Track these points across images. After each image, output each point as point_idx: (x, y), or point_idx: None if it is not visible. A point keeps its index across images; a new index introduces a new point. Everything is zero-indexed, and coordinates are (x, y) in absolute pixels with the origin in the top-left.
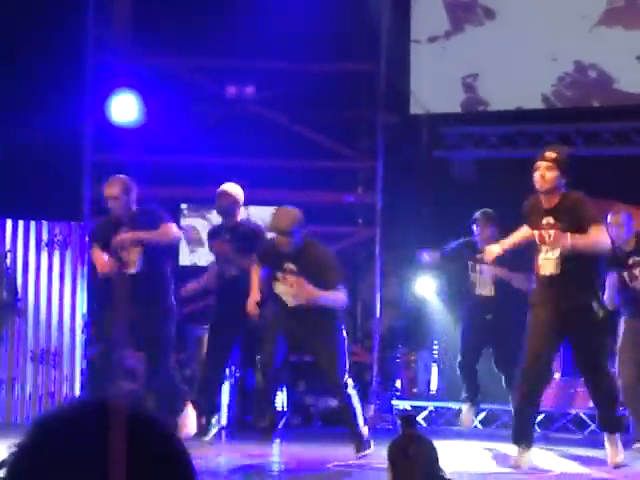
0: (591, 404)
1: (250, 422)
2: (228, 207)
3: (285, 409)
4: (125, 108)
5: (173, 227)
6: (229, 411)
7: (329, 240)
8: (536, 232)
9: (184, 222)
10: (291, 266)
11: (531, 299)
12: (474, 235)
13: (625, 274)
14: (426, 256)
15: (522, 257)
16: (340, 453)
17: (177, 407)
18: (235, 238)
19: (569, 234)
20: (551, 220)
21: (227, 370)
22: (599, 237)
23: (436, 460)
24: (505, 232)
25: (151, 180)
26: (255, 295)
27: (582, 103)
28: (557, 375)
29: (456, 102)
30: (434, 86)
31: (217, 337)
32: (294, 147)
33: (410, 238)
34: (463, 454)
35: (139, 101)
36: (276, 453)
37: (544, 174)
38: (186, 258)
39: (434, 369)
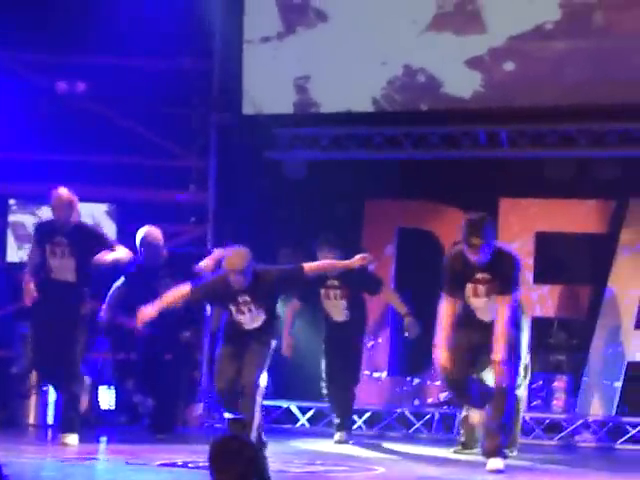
0: (416, 402)
1: None
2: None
3: (113, 407)
4: None
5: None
6: (56, 409)
7: None
8: (470, 285)
9: (12, 218)
10: (247, 298)
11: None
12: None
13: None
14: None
15: None
16: (167, 452)
17: None
18: (71, 239)
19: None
20: (487, 276)
21: None
22: (506, 323)
23: (258, 465)
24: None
25: None
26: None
27: (411, 107)
28: (384, 374)
29: (288, 103)
30: (267, 86)
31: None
32: (126, 144)
33: (242, 237)
34: (291, 453)
35: None
36: (102, 451)
37: (475, 256)
38: (14, 254)
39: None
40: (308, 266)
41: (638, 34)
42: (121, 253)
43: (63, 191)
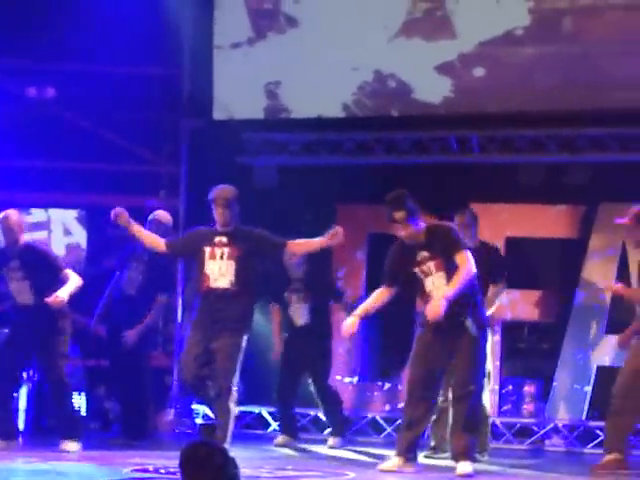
0: (387, 407)
1: (47, 426)
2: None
3: (84, 414)
4: None
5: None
6: (26, 415)
7: None
8: (417, 269)
9: None
10: (223, 239)
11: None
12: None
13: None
14: None
15: None
16: (138, 457)
17: None
18: (22, 261)
19: (443, 300)
20: (426, 254)
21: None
22: (464, 270)
23: (228, 471)
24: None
25: None
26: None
27: (381, 112)
28: (354, 379)
29: (259, 108)
30: (237, 92)
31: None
32: (96, 150)
33: None
34: (262, 459)
35: None
36: (74, 458)
37: (405, 232)
38: None
39: None
40: (291, 242)
41: (607, 40)
42: (73, 282)
43: (11, 213)
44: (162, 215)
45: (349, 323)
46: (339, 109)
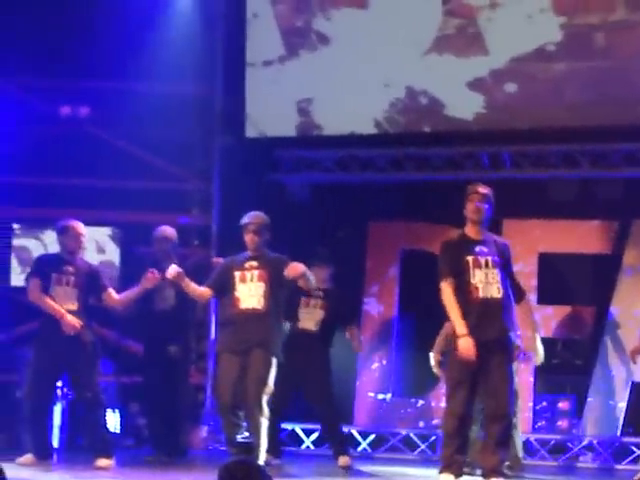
0: (421, 424)
1: (82, 444)
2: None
3: (118, 431)
4: None
5: None
6: (61, 433)
7: None
8: (470, 257)
9: (17, 242)
10: (253, 263)
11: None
12: None
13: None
14: None
15: None
16: (172, 475)
17: None
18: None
19: None
20: (484, 249)
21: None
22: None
23: None
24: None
25: None
26: None
27: (413, 128)
28: (388, 396)
29: (291, 126)
30: (269, 109)
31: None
32: (129, 168)
33: None
34: (296, 476)
35: None
36: (108, 475)
37: (480, 207)
38: (18, 279)
39: None
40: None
41: (639, 55)
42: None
43: (77, 224)
44: (169, 232)
45: (468, 346)
46: (371, 126)
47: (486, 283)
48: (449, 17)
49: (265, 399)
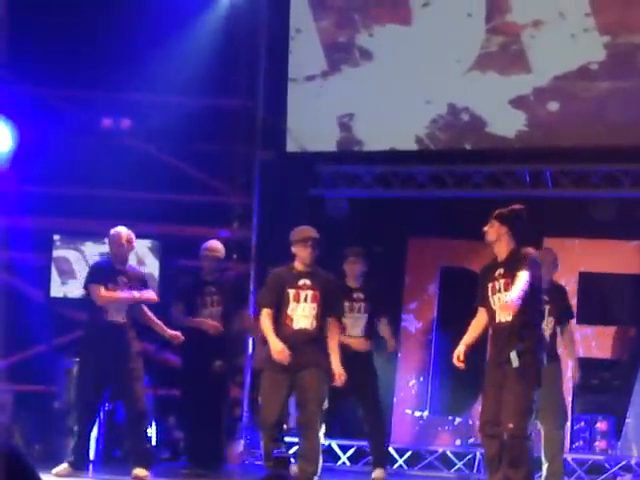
0: (458, 442)
1: (118, 456)
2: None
3: (154, 443)
4: None
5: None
6: (97, 445)
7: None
8: (490, 284)
9: (56, 253)
10: (307, 282)
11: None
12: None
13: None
14: None
15: None
16: None
17: None
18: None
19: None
20: (502, 271)
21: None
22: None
23: None
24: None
25: (23, 210)
26: None
27: (454, 145)
28: (425, 413)
29: (332, 141)
30: (310, 124)
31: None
32: (169, 180)
33: None
34: None
35: (13, 130)
36: None
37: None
38: (58, 290)
39: None
40: (333, 326)
41: None
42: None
43: (126, 231)
44: (218, 248)
45: (458, 353)
46: (412, 142)
47: None
48: (492, 35)
49: (321, 415)
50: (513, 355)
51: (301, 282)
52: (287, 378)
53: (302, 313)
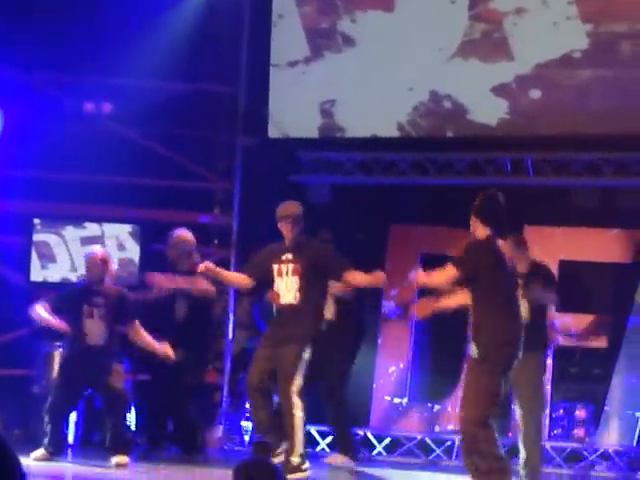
0: (437, 429)
1: (97, 441)
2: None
3: (133, 429)
4: None
5: None
6: (76, 429)
7: None
8: None
9: (37, 237)
10: (289, 256)
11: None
12: None
13: None
14: None
15: None
16: (187, 474)
17: None
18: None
19: None
20: None
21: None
22: None
23: None
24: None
25: (4, 194)
26: None
27: (436, 132)
28: (404, 400)
29: (313, 127)
30: (292, 110)
31: None
32: (150, 165)
33: None
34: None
35: None
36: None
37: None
38: (38, 274)
39: None
40: (349, 274)
41: None
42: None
43: (100, 251)
44: (187, 236)
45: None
46: (394, 129)
47: None
48: (475, 22)
49: (296, 391)
50: (473, 346)
51: (284, 257)
52: (269, 352)
53: (285, 287)
